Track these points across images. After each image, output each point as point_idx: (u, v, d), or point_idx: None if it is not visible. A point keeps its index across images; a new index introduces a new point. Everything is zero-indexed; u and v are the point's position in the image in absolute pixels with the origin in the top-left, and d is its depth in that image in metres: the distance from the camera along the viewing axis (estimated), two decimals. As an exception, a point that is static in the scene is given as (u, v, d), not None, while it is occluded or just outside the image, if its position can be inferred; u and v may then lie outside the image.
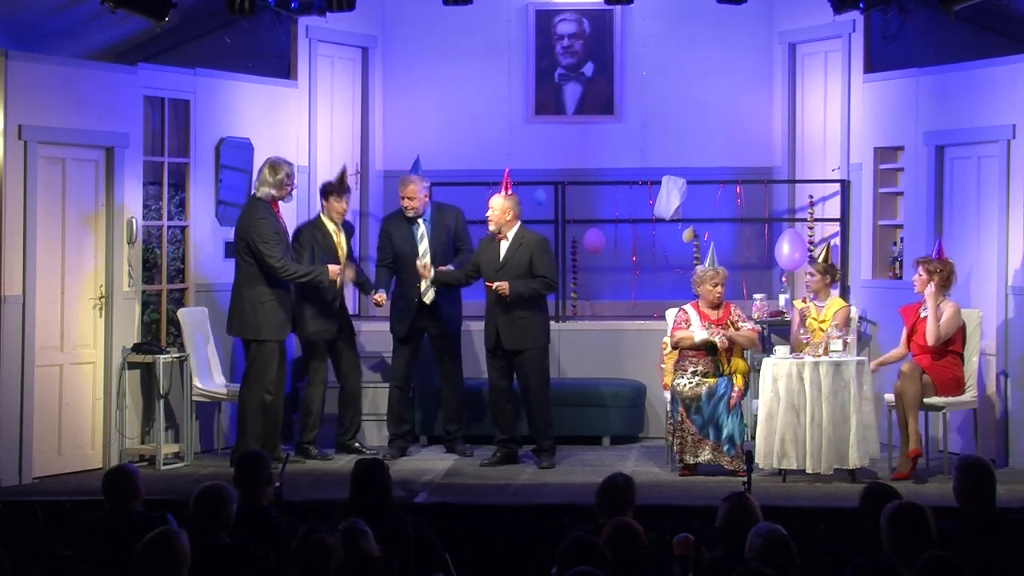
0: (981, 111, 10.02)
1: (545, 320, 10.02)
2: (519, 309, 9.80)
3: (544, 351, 9.96)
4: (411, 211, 10.21)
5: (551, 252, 10.05)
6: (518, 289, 9.75)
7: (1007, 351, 9.75)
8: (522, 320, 9.82)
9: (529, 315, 9.84)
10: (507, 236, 9.90)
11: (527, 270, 9.83)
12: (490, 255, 9.93)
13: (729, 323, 9.60)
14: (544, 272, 9.85)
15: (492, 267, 9.89)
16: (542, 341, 9.93)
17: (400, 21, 12.28)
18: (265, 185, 9.76)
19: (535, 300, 9.88)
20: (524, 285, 9.78)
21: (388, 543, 5.90)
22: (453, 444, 10.38)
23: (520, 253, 9.86)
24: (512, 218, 9.91)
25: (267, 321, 9.72)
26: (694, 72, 12.18)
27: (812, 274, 9.90)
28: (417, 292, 10.15)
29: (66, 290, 9.62)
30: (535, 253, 9.85)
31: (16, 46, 9.57)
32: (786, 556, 5.28)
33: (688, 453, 9.46)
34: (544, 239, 10.06)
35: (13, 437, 9.24)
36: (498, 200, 9.91)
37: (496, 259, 9.89)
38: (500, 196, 9.93)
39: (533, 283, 9.81)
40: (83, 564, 5.68)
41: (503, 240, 9.90)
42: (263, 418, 9.72)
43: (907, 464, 9.24)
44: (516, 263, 9.85)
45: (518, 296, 9.76)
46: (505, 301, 9.76)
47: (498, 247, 9.92)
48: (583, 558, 5.13)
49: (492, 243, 9.95)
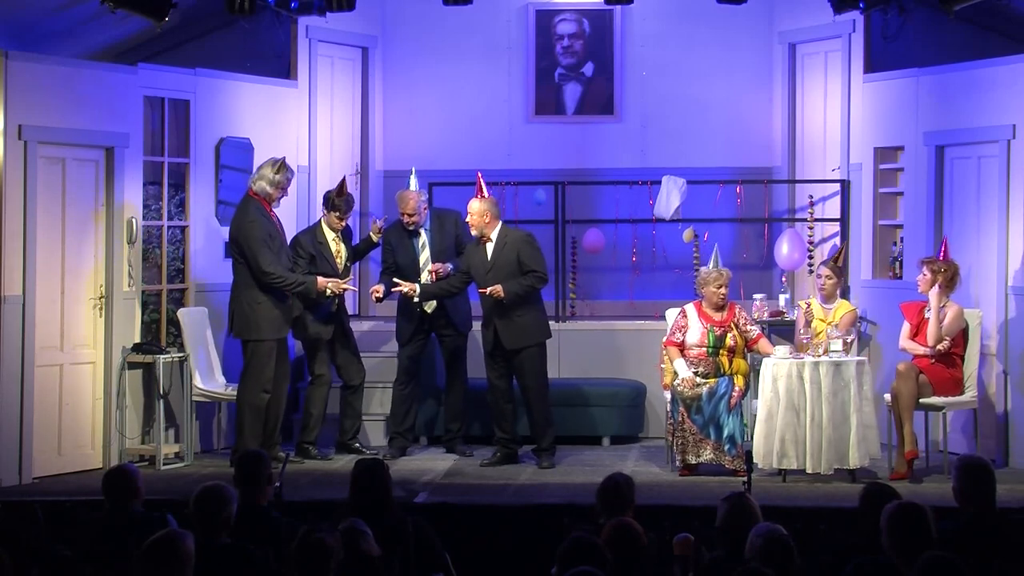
0: (981, 111, 10.02)
1: (542, 316, 10.01)
2: (516, 308, 9.81)
3: (543, 348, 9.95)
4: (411, 225, 10.23)
5: (537, 245, 10.00)
6: (513, 289, 9.75)
7: (1007, 351, 9.75)
8: (520, 319, 9.82)
9: (526, 313, 9.84)
10: (491, 238, 9.91)
11: (516, 268, 9.82)
12: (478, 259, 9.93)
13: (732, 324, 9.60)
14: (534, 266, 9.84)
15: (481, 271, 9.90)
16: (540, 338, 9.93)
17: (400, 21, 12.28)
18: (263, 180, 9.71)
19: (530, 297, 9.88)
20: (517, 284, 9.78)
21: (388, 543, 5.90)
22: (453, 444, 10.38)
23: (506, 252, 9.85)
24: (491, 219, 9.90)
25: (263, 320, 9.70)
26: (694, 72, 12.18)
27: (828, 276, 9.83)
28: (420, 303, 10.17)
29: (66, 290, 9.62)
30: (521, 249, 9.85)
31: (16, 46, 9.57)
32: (786, 556, 5.28)
33: (690, 453, 9.45)
34: (528, 234, 10.06)
35: (13, 437, 9.23)
36: (475, 204, 9.89)
37: (484, 262, 9.89)
38: (476, 200, 9.90)
39: (526, 280, 9.80)
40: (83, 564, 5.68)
41: (488, 243, 9.90)
42: (261, 417, 9.72)
43: (904, 464, 9.25)
44: (504, 262, 9.84)
45: (514, 296, 9.76)
46: (502, 304, 9.76)
47: (484, 250, 9.91)
48: (583, 558, 5.13)
49: (478, 247, 9.95)
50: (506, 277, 9.79)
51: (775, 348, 9.49)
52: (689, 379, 9.46)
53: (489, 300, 9.78)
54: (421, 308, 10.18)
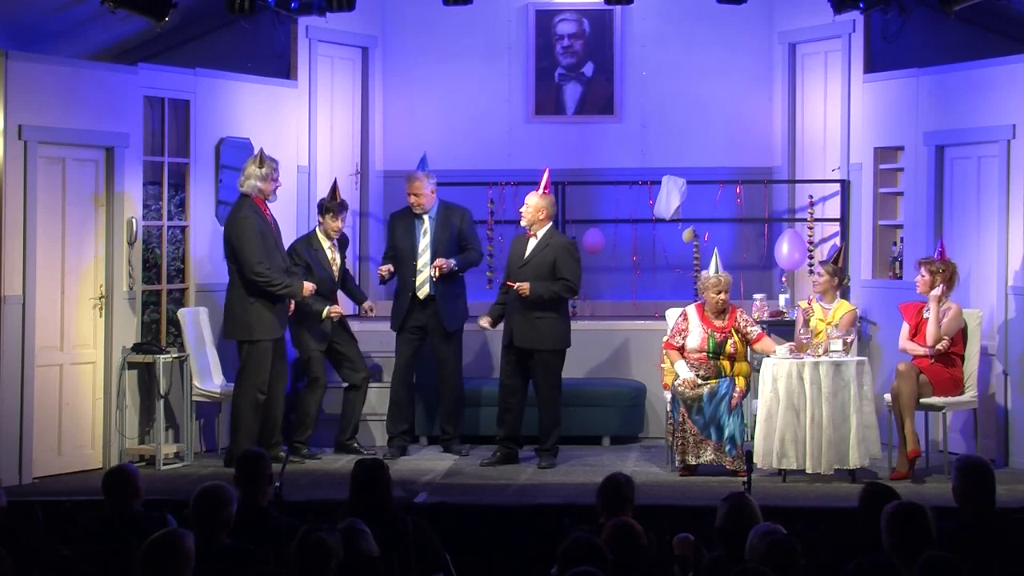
0: (981, 111, 10.02)
1: (564, 324, 9.97)
2: (537, 309, 9.81)
3: (559, 355, 9.92)
4: (417, 208, 10.24)
5: (577, 257, 10.00)
6: (538, 290, 9.76)
7: (1007, 351, 9.75)
8: (537, 320, 9.81)
9: (546, 316, 9.83)
10: (536, 235, 9.95)
11: (550, 270, 9.84)
12: (517, 251, 10.03)
13: (733, 330, 9.59)
14: (567, 275, 9.84)
15: (516, 263, 9.96)
16: (557, 344, 9.90)
17: (400, 21, 12.27)
18: (252, 178, 9.72)
19: (554, 302, 9.87)
20: (544, 287, 9.78)
21: (388, 543, 5.90)
22: (449, 444, 10.37)
23: (545, 253, 9.88)
24: (545, 217, 9.96)
25: (258, 321, 9.70)
26: (694, 72, 12.18)
27: (822, 275, 9.85)
28: (412, 286, 10.17)
29: (66, 290, 9.62)
30: (560, 255, 9.86)
31: (16, 46, 9.57)
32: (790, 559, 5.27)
33: (690, 454, 9.45)
34: (571, 242, 10.14)
35: (13, 437, 9.23)
36: (533, 198, 9.98)
37: (521, 255, 9.96)
38: (535, 194, 10.00)
39: (554, 285, 9.80)
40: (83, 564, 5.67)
41: (532, 238, 9.95)
42: (258, 418, 9.72)
43: (905, 464, 9.25)
44: (539, 262, 9.87)
45: (537, 297, 9.76)
46: (524, 300, 9.77)
47: (526, 244, 9.98)
48: (583, 558, 5.13)
49: (522, 239, 10.04)
50: (536, 277, 9.81)
51: (776, 348, 9.48)
52: (690, 380, 9.45)
53: (512, 293, 9.80)
54: (414, 293, 10.18)
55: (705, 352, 9.55)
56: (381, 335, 10.91)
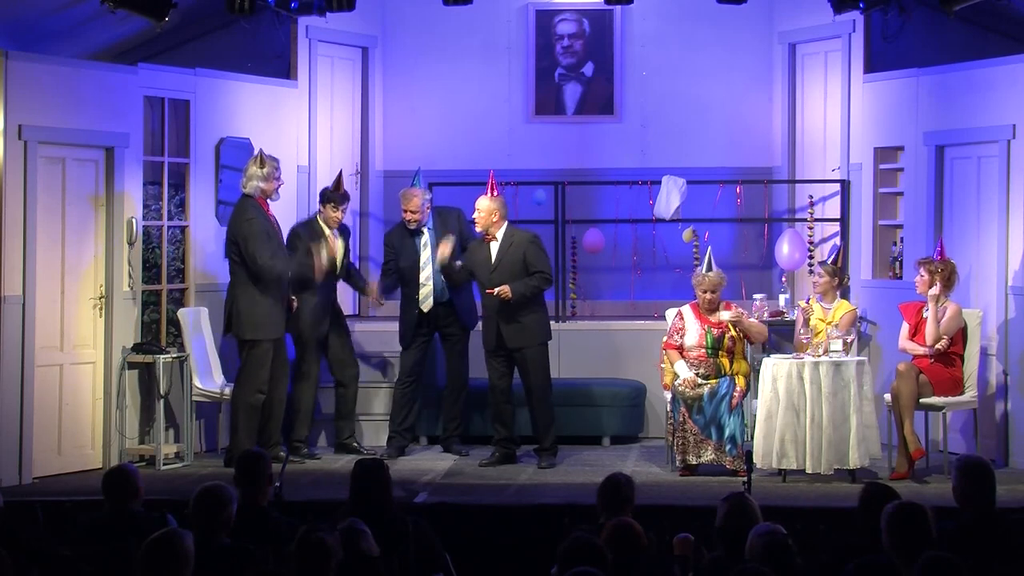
0: (981, 111, 10.02)
1: (545, 317, 10.04)
2: (520, 309, 9.81)
3: (545, 349, 9.96)
4: (413, 224, 10.22)
5: (543, 246, 10.02)
6: (519, 290, 9.76)
7: (1007, 351, 9.75)
8: (523, 319, 9.83)
9: (529, 313, 9.85)
10: (496, 237, 9.91)
11: (522, 268, 9.83)
12: (481, 257, 9.94)
13: (730, 326, 9.59)
14: (540, 267, 9.85)
15: (486, 270, 9.90)
16: (544, 338, 9.95)
17: (400, 21, 12.27)
18: (254, 179, 9.74)
19: (536, 297, 9.89)
20: (524, 285, 9.79)
21: (388, 543, 5.90)
22: (449, 443, 10.38)
23: (512, 252, 9.86)
24: (499, 219, 9.91)
25: (260, 322, 9.70)
26: (694, 72, 12.17)
27: (821, 275, 9.85)
28: (417, 302, 10.17)
29: (66, 290, 9.62)
30: (528, 250, 9.86)
31: (16, 46, 9.57)
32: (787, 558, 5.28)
33: (691, 453, 9.45)
34: (534, 235, 10.07)
35: (13, 437, 9.23)
36: (484, 202, 9.91)
37: (488, 261, 9.90)
38: (486, 198, 9.93)
39: (532, 281, 9.81)
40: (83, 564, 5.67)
41: (492, 241, 9.91)
42: (257, 418, 9.72)
43: (905, 464, 9.25)
44: (509, 262, 9.85)
45: (520, 296, 9.77)
46: (506, 303, 9.76)
47: (488, 249, 9.92)
48: (583, 558, 5.13)
49: (482, 245, 9.97)
50: (511, 277, 9.80)
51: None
52: (690, 379, 9.46)
53: (494, 300, 9.78)
54: (419, 309, 10.19)
55: (704, 348, 9.55)
56: (381, 335, 10.90)
